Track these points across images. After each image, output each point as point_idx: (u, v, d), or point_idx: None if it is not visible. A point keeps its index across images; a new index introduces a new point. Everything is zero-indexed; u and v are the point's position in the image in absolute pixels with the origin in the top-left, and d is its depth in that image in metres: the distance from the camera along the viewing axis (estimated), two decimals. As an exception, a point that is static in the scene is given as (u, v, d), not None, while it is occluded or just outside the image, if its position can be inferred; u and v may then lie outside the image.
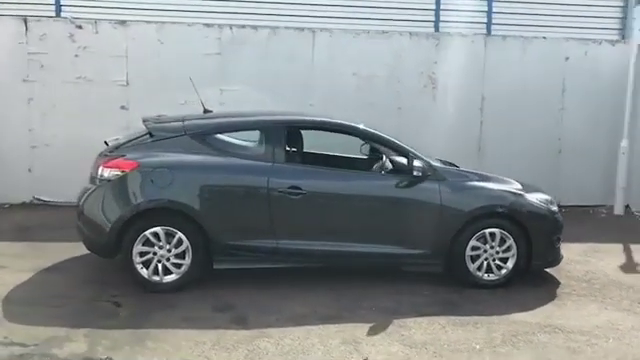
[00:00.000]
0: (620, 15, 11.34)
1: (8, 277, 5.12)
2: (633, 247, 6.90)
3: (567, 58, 8.84)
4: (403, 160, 5.14)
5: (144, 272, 4.84)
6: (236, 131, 5.33)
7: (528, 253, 5.22)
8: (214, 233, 4.85)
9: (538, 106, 8.84)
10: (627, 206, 8.90)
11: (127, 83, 8.19)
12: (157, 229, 4.81)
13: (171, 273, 4.88)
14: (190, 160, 4.93)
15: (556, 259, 5.47)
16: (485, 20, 11.00)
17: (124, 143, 5.23)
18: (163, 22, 8.28)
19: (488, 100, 8.78)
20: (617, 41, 9.08)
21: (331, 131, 5.45)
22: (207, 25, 8.27)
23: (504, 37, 8.90)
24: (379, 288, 5.11)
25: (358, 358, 3.79)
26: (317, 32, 8.46)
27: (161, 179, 4.81)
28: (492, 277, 5.22)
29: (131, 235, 4.79)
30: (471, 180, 5.28)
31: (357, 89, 8.51)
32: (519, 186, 5.48)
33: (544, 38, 8.98)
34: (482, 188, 5.24)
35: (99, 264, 5.55)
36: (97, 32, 8.08)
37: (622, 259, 6.43)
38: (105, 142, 5.62)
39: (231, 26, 8.30)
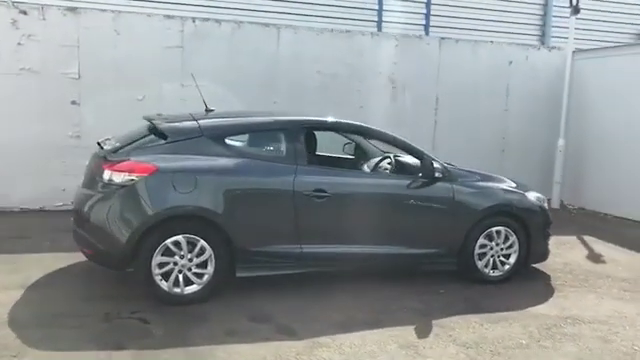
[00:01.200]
0: (540, 23, 12.28)
1: (-2, 296, 4.54)
2: (586, 239, 7.55)
3: (511, 62, 9.43)
4: (418, 162, 5.23)
5: (164, 284, 4.50)
6: (255, 132, 5.10)
7: (527, 249, 5.53)
8: (238, 240, 4.62)
9: (486, 107, 9.36)
10: (561, 200, 9.69)
11: (79, 76, 7.54)
12: (178, 237, 4.49)
13: (192, 284, 4.58)
14: (212, 163, 4.64)
15: (546, 254, 5.84)
16: (424, 22, 11.44)
17: (126, 144, 4.81)
18: (119, 11, 7.70)
19: (442, 101, 9.14)
20: (553, 47, 9.81)
21: (353, 133, 5.44)
22: (168, 17, 7.83)
23: (457, 40, 9.29)
24: (396, 289, 5.15)
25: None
26: (282, 28, 8.31)
27: (183, 184, 4.49)
28: (497, 273, 5.46)
29: (150, 245, 4.43)
30: (478, 180, 5.48)
31: (321, 87, 8.48)
32: (514, 184, 5.78)
33: (491, 42, 9.50)
34: (490, 188, 5.46)
35: (91, 276, 5.11)
36: (44, 19, 7.34)
37: (584, 250, 7.01)
38: (98, 143, 5.15)
39: (194, 19, 7.91)
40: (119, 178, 4.47)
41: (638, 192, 8.44)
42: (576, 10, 9.13)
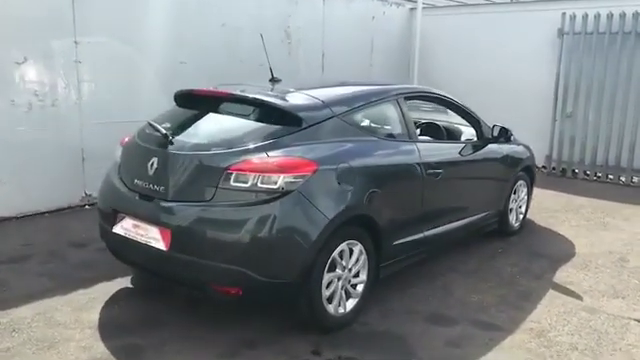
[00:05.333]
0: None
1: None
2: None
3: (373, 17, 9.63)
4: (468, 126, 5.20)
5: (330, 307, 3.54)
6: (375, 106, 4.16)
7: (529, 198, 6.04)
8: (387, 236, 3.88)
9: (357, 62, 9.40)
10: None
11: None
12: (343, 246, 3.56)
13: (349, 298, 3.73)
14: (361, 149, 3.76)
15: (529, 201, 6.43)
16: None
17: (210, 133, 3.57)
18: None
19: (327, 56, 8.88)
20: (400, 4, 10.30)
21: (438, 103, 5.00)
22: (52, -52, 5.61)
23: (336, -6, 9.01)
24: (472, 259, 5.04)
25: (630, 319, 3.96)
26: (185, -29, 6.81)
27: (347, 180, 3.52)
28: (518, 224, 5.83)
29: (321, 261, 3.41)
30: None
31: (226, 43, 7.35)
32: None
33: (359, -3, 9.50)
34: (517, 145, 5.69)
35: (165, 324, 3.71)
36: None
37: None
38: (165, 136, 3.60)
39: (87, -45, 5.86)
40: (270, 182, 3.26)
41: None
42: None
